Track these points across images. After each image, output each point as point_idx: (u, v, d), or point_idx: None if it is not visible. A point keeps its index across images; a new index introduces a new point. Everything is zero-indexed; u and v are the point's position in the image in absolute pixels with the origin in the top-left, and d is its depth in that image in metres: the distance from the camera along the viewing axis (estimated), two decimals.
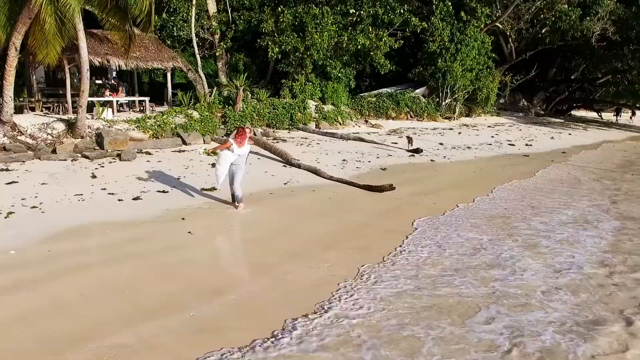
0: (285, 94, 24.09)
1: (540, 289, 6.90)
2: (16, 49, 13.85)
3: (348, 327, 5.77)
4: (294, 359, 5.17)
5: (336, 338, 5.54)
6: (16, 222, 9.14)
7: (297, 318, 5.97)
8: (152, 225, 9.41)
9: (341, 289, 6.82)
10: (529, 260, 7.96)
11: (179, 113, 19.02)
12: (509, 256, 8.16)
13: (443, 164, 17.35)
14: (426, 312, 6.19)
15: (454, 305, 6.38)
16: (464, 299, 6.56)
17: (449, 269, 7.61)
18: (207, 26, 24.02)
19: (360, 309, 6.25)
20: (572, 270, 7.62)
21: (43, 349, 5.33)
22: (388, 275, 7.32)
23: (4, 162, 13.59)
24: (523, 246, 8.71)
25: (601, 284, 7.19)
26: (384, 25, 25.86)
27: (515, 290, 6.84)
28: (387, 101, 28.88)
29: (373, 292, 6.74)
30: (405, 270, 7.53)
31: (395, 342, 5.48)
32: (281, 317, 5.98)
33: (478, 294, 6.72)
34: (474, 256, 8.18)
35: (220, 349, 5.26)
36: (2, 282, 6.78)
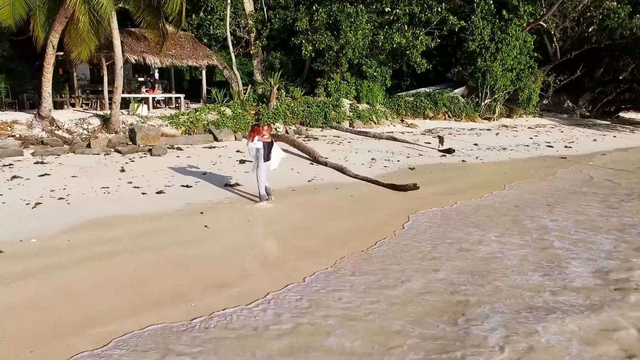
0: (320, 92, 24.09)
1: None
2: (53, 47, 14.33)
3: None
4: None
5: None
6: (42, 213, 9.45)
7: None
8: (171, 218, 9.57)
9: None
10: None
11: (211, 110, 19.31)
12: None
13: (474, 164, 16.99)
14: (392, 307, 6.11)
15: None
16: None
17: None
18: (243, 25, 24.24)
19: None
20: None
21: (47, 332, 5.53)
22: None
23: (40, 156, 14.09)
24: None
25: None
26: (421, 24, 25.50)
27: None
28: (425, 101, 28.53)
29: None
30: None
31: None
32: None
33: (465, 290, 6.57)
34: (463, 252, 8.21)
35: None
36: (20, 268, 7.05)
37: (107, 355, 5.15)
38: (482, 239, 9.15)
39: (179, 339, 5.48)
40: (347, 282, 7.10)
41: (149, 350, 5.27)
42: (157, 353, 5.21)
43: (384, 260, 7.97)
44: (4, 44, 17.15)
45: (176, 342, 5.42)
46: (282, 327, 5.82)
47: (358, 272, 7.46)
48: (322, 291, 6.77)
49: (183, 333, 5.60)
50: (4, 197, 10.23)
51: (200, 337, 5.52)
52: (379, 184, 13.09)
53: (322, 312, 6.20)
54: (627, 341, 5.66)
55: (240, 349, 5.32)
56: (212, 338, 5.53)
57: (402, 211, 10.77)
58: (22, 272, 6.91)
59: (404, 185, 12.68)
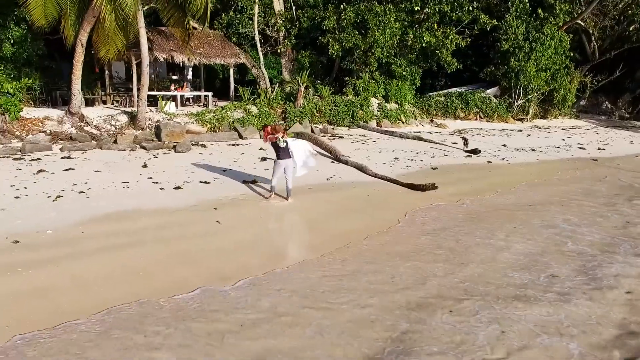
0: (348, 91, 24.07)
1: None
2: (82, 45, 14.75)
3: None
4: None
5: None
6: (62, 205, 9.74)
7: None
8: (184, 213, 9.73)
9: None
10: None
11: (237, 108, 19.53)
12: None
13: (500, 165, 16.69)
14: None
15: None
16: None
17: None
18: (272, 24, 24.41)
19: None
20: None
21: (49, 318, 5.71)
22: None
23: (68, 151, 14.51)
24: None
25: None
26: (452, 23, 25.17)
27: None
28: (456, 101, 28.18)
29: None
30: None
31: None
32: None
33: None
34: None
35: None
36: (33, 257, 7.32)
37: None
38: (469, 234, 9.24)
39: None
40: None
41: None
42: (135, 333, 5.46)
43: (363, 253, 8.19)
44: (38, 43, 17.71)
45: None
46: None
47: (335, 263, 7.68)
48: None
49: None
50: (28, 190, 10.57)
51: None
52: (398, 183, 13.01)
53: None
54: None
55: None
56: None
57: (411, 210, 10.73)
58: (35, 261, 7.16)
59: (422, 184, 12.58)
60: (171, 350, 5.23)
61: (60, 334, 5.45)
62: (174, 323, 5.74)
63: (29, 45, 17.43)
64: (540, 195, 12.67)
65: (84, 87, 19.35)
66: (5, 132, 14.89)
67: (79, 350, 5.19)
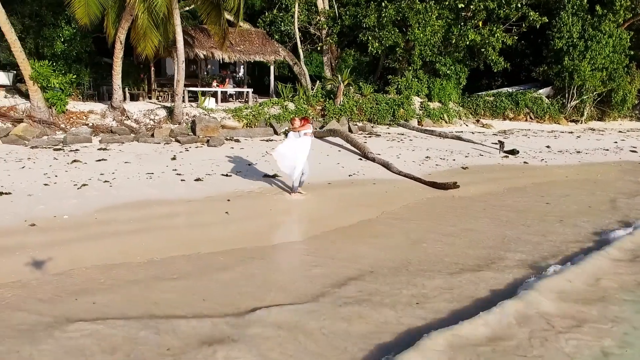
0: (390, 89, 23.96)
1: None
2: (121, 42, 15.44)
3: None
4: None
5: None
6: (85, 193, 10.25)
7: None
8: (197, 204, 10.03)
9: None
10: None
11: (275, 104, 19.82)
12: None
13: (536, 167, 16.18)
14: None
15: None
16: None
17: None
18: (315, 22, 24.59)
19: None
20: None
21: (48, 296, 6.06)
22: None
23: (106, 143, 15.20)
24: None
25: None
26: (500, 21, 24.52)
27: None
28: (506, 101, 27.50)
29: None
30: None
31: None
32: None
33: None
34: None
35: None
36: (43, 239, 7.75)
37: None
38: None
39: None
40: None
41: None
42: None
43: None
44: (87, 41, 18.63)
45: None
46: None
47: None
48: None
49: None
50: (58, 178, 11.19)
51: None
52: (420, 181, 12.89)
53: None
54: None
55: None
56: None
57: (429, 209, 10.62)
58: (44, 243, 7.58)
59: (444, 183, 12.43)
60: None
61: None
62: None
63: (78, 43, 18.36)
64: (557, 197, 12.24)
65: (131, 83, 20.25)
66: (51, 125, 15.77)
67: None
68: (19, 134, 14.69)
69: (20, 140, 14.52)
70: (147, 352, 4.86)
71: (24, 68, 15.22)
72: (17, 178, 10.99)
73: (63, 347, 4.89)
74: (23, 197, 9.75)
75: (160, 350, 4.89)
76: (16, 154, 13.31)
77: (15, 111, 15.92)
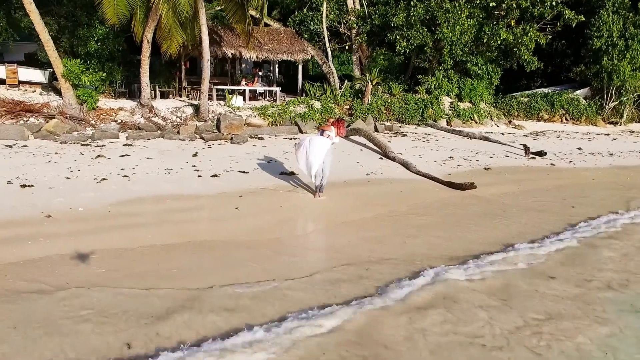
0: (420, 89, 23.78)
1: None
2: (148, 41, 15.84)
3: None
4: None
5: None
6: (103, 187, 10.57)
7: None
8: (208, 199, 10.21)
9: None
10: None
11: (301, 103, 19.96)
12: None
13: (563, 169, 15.78)
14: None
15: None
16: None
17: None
18: (344, 21, 24.58)
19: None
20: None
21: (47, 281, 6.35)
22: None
23: (132, 139, 15.62)
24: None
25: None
26: (534, 19, 23.98)
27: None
28: (540, 102, 26.88)
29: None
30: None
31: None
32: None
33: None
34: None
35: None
36: (53, 230, 8.06)
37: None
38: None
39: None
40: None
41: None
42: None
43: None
44: (119, 40, 19.15)
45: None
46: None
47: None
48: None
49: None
50: (81, 172, 11.56)
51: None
52: (438, 181, 12.80)
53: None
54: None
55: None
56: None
57: (440, 207, 10.56)
58: (53, 233, 7.89)
59: (462, 183, 12.32)
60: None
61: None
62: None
63: (110, 42, 18.92)
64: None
65: (162, 81, 20.74)
66: (81, 121, 16.31)
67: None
68: (50, 130, 15.25)
69: (51, 135, 15.07)
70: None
71: (56, 66, 15.80)
72: (42, 171, 11.41)
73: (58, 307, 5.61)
74: (44, 189, 10.12)
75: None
76: (45, 149, 13.83)
77: (49, 108, 16.53)
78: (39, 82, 18.54)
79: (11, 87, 17.87)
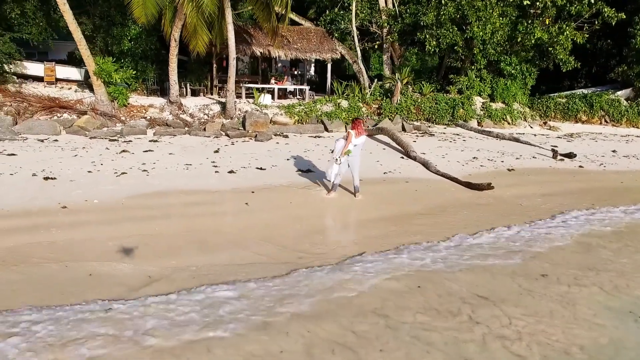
0: (451, 89, 23.50)
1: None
2: (175, 40, 16.24)
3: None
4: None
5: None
6: (122, 181, 10.92)
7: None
8: (221, 194, 10.41)
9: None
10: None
11: (328, 101, 20.02)
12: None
13: (591, 171, 15.32)
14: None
15: None
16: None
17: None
18: (375, 20, 24.50)
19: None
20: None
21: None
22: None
23: (159, 135, 16.03)
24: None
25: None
26: (571, 17, 23.34)
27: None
28: (579, 103, 26.14)
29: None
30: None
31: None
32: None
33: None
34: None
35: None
36: (66, 220, 8.39)
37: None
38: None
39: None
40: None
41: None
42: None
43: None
44: (152, 39, 19.65)
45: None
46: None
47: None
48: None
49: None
50: (103, 166, 11.98)
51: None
52: (456, 181, 12.66)
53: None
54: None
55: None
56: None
57: (450, 206, 10.46)
58: (67, 223, 8.22)
59: (479, 184, 12.15)
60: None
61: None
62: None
63: (143, 41, 19.45)
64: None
65: (193, 79, 21.19)
66: (112, 117, 16.83)
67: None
68: (81, 125, 15.81)
69: (81, 131, 15.63)
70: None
71: (88, 64, 16.39)
72: (67, 165, 11.88)
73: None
74: (66, 182, 10.54)
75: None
76: (74, 143, 14.37)
77: (82, 104, 17.13)
78: (75, 79, 19.25)
79: (49, 84, 18.61)
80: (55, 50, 21.96)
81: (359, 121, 10.81)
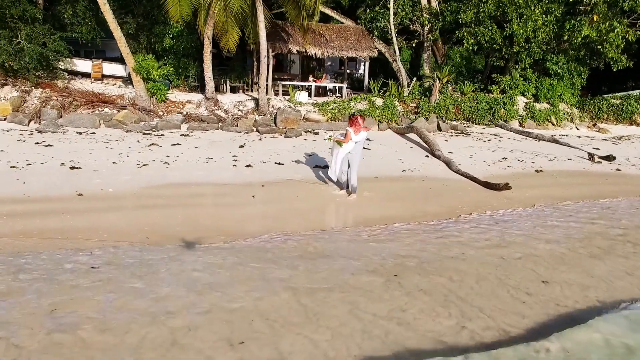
0: (494, 89, 22.98)
1: None
2: (209, 38, 16.77)
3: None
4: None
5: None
6: (141, 172, 11.44)
7: None
8: (231, 187, 10.70)
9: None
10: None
11: (363, 100, 20.07)
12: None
13: (628, 175, 14.66)
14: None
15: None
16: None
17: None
18: (416, 18, 24.23)
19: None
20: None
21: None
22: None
23: (192, 130, 16.60)
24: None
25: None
26: (624, 14, 22.27)
27: None
28: (635, 104, 24.94)
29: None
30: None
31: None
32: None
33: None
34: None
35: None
36: (80, 206, 8.91)
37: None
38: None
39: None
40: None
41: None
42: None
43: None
44: (193, 37, 20.30)
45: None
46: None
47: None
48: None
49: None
50: (129, 158, 12.57)
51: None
52: (475, 180, 12.49)
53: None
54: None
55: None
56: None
57: (457, 206, 10.34)
58: (80, 209, 8.74)
59: (496, 184, 11.92)
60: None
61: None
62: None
63: (184, 39, 20.16)
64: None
65: (233, 77, 21.76)
66: (150, 112, 17.55)
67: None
68: (119, 120, 16.59)
69: (119, 125, 16.40)
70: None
71: (128, 61, 17.17)
72: (95, 156, 12.54)
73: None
74: (89, 172, 11.16)
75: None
76: (109, 136, 15.12)
77: (123, 99, 17.96)
78: (121, 76, 20.19)
79: (96, 80, 19.62)
80: (109, 48, 23.10)
81: (356, 117, 10.57)
